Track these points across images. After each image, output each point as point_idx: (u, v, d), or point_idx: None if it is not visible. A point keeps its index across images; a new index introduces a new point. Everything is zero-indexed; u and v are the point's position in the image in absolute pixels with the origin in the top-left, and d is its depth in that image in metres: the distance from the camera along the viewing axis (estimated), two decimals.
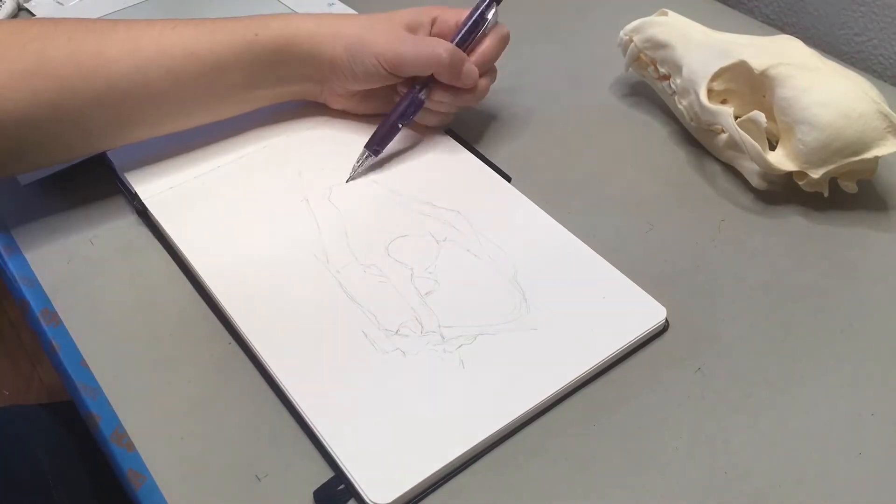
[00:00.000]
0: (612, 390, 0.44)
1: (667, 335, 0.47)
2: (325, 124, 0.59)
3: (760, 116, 0.51)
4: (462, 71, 0.54)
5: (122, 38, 0.50)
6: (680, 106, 0.57)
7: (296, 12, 0.71)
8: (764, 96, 0.53)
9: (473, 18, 0.55)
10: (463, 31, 0.55)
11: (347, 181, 0.55)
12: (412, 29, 0.55)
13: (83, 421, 0.46)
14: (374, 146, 0.55)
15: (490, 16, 0.55)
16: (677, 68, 0.56)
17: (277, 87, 0.56)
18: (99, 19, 0.52)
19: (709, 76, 0.53)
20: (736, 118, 0.52)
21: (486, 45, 0.55)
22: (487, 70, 0.56)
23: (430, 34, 0.55)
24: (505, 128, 0.61)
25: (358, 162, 0.55)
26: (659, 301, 0.47)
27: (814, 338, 0.47)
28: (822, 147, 0.50)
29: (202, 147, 0.57)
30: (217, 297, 0.48)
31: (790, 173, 0.53)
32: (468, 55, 0.55)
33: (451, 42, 0.54)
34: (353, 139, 0.58)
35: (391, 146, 0.56)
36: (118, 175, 0.56)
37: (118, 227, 0.53)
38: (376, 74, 0.54)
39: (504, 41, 0.56)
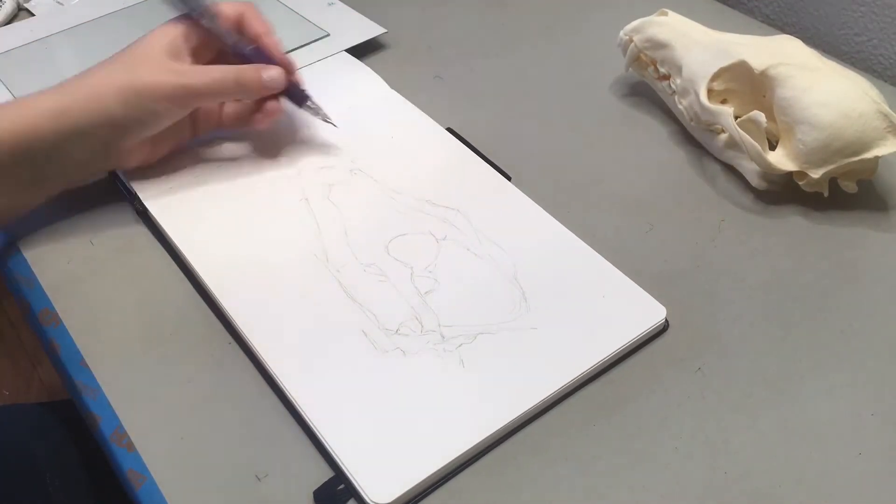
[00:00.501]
0: (612, 390, 0.44)
1: (667, 335, 0.47)
2: (324, 124, 0.59)
3: (760, 116, 0.51)
4: (262, 80, 0.52)
5: None
6: (680, 106, 0.57)
7: (297, 12, 0.71)
8: (764, 96, 0.53)
9: (213, 24, 0.52)
10: (228, 39, 0.53)
11: (337, 126, 0.56)
12: (175, 54, 0.50)
13: (81, 419, 0.46)
14: (297, 98, 0.55)
15: (221, 27, 0.53)
16: (677, 68, 0.56)
17: (47, 180, 0.49)
18: None
19: (709, 76, 0.53)
20: (736, 118, 0.52)
21: (261, 41, 0.53)
22: (281, 51, 0.54)
23: (191, 51, 0.52)
24: (505, 127, 0.61)
25: (315, 114, 0.56)
26: (659, 301, 0.47)
27: (814, 338, 0.47)
28: (822, 147, 0.50)
29: (202, 147, 0.57)
30: (217, 296, 0.48)
31: (790, 173, 0.53)
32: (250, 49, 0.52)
33: (232, 48, 0.52)
34: (353, 139, 0.58)
35: (387, 142, 0.56)
36: (118, 175, 0.56)
37: (118, 227, 0.53)
38: (167, 116, 0.50)
39: (254, 11, 0.54)
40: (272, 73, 0.52)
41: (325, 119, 0.56)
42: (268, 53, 0.53)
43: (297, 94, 0.55)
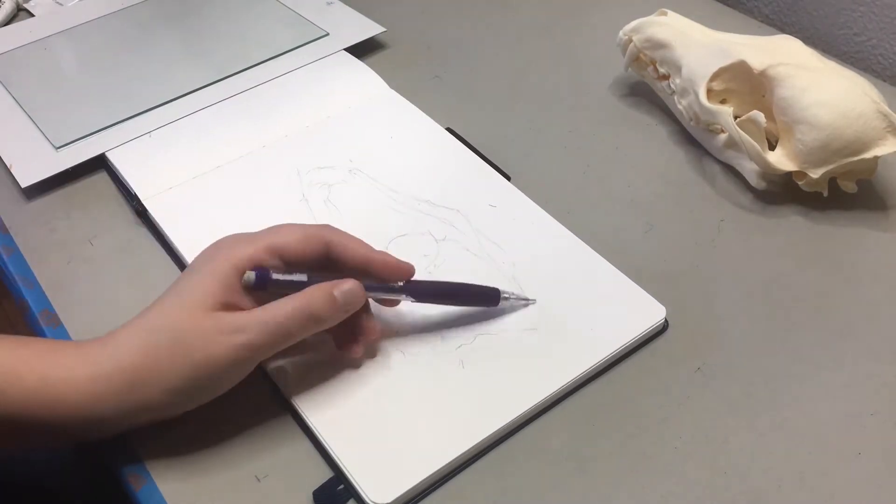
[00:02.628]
0: (611, 390, 0.44)
1: (666, 335, 0.47)
2: (324, 124, 0.59)
3: (760, 116, 0.51)
4: (338, 303, 0.41)
5: None
6: (679, 106, 0.57)
7: (296, 12, 0.71)
8: (763, 96, 0.53)
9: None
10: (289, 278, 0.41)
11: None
12: (228, 293, 0.40)
13: None
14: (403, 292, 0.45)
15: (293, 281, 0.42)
16: (677, 68, 0.56)
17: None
18: None
19: (708, 76, 0.53)
20: (735, 118, 0.52)
21: (341, 249, 0.43)
22: (370, 257, 0.43)
23: (253, 286, 0.41)
24: (505, 127, 0.61)
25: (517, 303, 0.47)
26: (659, 301, 0.47)
27: (814, 338, 0.47)
28: (822, 147, 0.50)
29: (202, 147, 0.57)
30: None
31: (790, 173, 0.53)
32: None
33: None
34: (352, 139, 0.58)
35: (387, 142, 0.56)
36: (118, 175, 0.56)
37: (118, 228, 0.53)
38: (236, 379, 0.41)
39: (336, 232, 0.44)
40: (345, 287, 0.41)
41: (525, 301, 0.47)
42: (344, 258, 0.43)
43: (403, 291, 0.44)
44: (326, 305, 0.40)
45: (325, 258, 0.43)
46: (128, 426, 0.40)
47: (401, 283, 0.44)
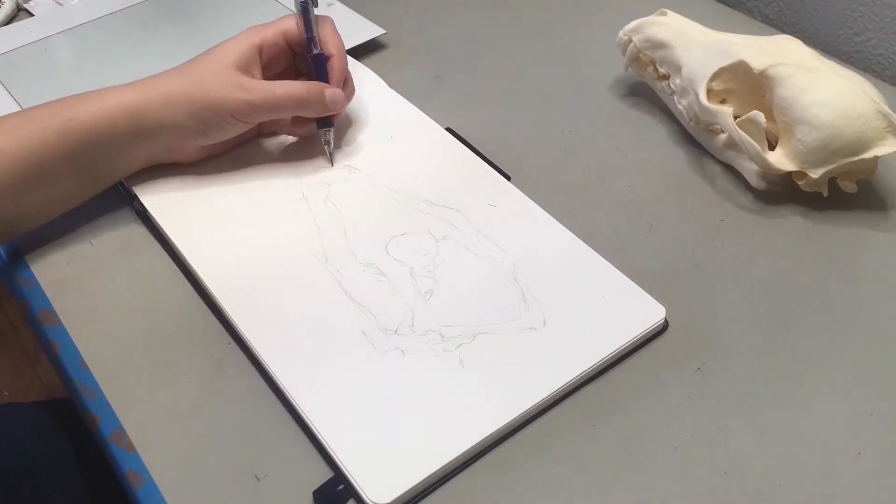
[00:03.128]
0: (611, 390, 0.44)
1: (666, 335, 0.47)
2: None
3: (760, 116, 0.51)
4: (325, 102, 0.53)
5: None
6: (679, 106, 0.57)
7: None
8: (763, 96, 0.53)
9: (307, 36, 0.54)
10: (304, 34, 0.54)
11: (333, 165, 0.56)
12: (245, 68, 0.51)
13: (78, 417, 0.46)
14: (323, 120, 0.55)
15: (314, 20, 0.54)
16: (677, 68, 0.56)
17: (113, 168, 0.52)
18: None
19: (708, 76, 0.53)
20: (735, 118, 0.52)
21: (333, 59, 0.54)
22: (344, 75, 0.55)
23: (263, 64, 0.53)
24: (505, 127, 0.61)
25: (326, 144, 0.55)
26: (659, 301, 0.47)
27: (814, 338, 0.47)
28: (822, 147, 0.50)
29: None
30: (216, 297, 0.48)
31: (790, 173, 0.53)
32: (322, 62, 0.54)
33: (307, 70, 0.54)
34: (352, 138, 0.58)
35: (387, 142, 0.56)
36: None
37: (118, 228, 0.53)
38: (233, 129, 0.52)
39: (335, 29, 0.55)
40: (336, 95, 0.53)
41: (328, 153, 0.56)
42: (329, 67, 0.54)
43: (326, 120, 0.55)
44: (317, 100, 0.52)
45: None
46: (158, 147, 0.52)
47: None
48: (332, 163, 0.56)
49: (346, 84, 0.56)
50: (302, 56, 0.55)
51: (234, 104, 0.50)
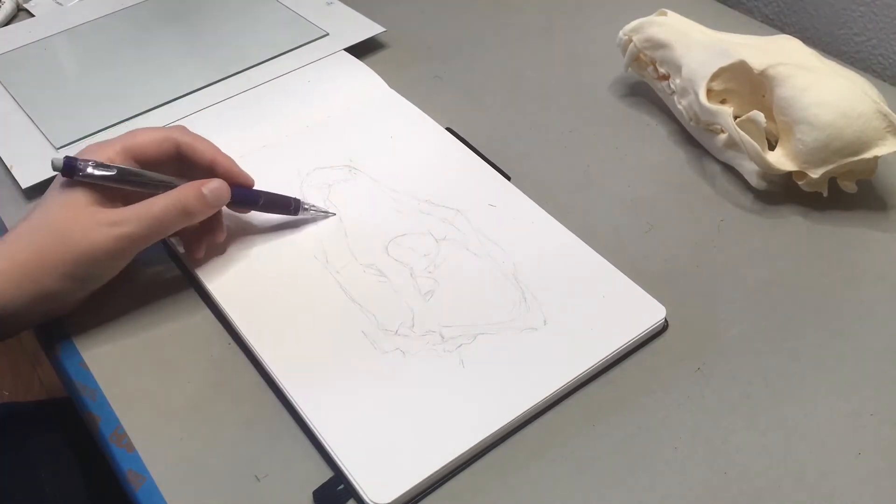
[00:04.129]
0: (611, 390, 0.44)
1: (666, 335, 0.47)
2: (324, 124, 0.59)
3: (760, 116, 0.51)
4: (206, 201, 0.46)
5: None
6: (679, 106, 0.57)
7: (296, 12, 0.71)
8: (763, 96, 0.53)
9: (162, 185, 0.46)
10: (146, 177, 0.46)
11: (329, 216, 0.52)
12: (106, 199, 0.44)
13: (77, 416, 0.46)
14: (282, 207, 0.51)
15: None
16: (677, 68, 0.56)
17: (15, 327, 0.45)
18: None
19: (708, 76, 0.53)
20: (735, 118, 0.52)
21: (217, 163, 0.47)
22: (214, 160, 0.48)
23: (62, 172, 0.44)
24: (505, 127, 0.61)
25: (305, 210, 0.51)
26: (659, 301, 0.47)
27: (814, 338, 0.47)
28: (822, 147, 0.50)
29: None
30: (216, 297, 0.48)
31: (790, 173, 0.53)
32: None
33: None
34: (352, 139, 0.58)
35: (387, 142, 0.56)
36: None
37: None
38: (114, 271, 0.45)
39: (191, 136, 0.48)
40: (212, 186, 0.46)
41: (325, 214, 0.52)
42: (221, 170, 0.48)
43: (278, 204, 0.50)
44: (197, 201, 0.45)
45: (177, 159, 0.48)
46: (31, 319, 0.45)
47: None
48: (333, 213, 0.52)
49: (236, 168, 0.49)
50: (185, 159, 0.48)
51: (108, 246, 0.43)
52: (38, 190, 0.56)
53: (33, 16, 0.74)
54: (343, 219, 0.52)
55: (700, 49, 0.55)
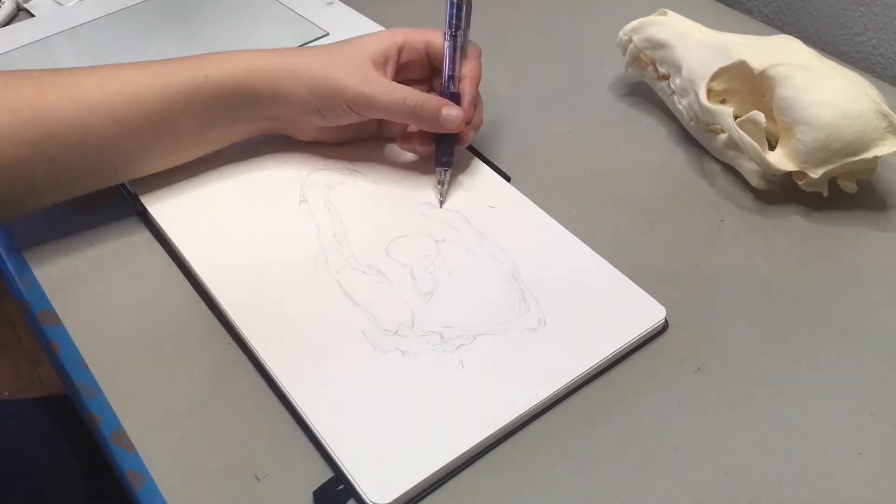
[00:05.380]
0: (611, 390, 0.44)
1: (666, 335, 0.47)
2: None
3: (760, 116, 0.51)
4: (439, 119, 0.51)
5: (62, 83, 0.48)
6: (679, 106, 0.57)
7: (296, 12, 0.71)
8: (763, 96, 0.53)
9: (448, 51, 0.53)
10: (446, 70, 0.53)
11: (441, 206, 0.53)
12: (379, 63, 0.51)
13: (75, 415, 0.46)
14: (444, 159, 0.53)
15: (460, 41, 0.53)
16: (677, 68, 0.56)
17: (235, 129, 0.53)
18: (41, 70, 0.49)
19: (708, 76, 0.53)
20: (735, 118, 0.52)
21: (466, 82, 0.53)
22: (475, 101, 0.54)
23: (399, 64, 0.53)
24: (505, 128, 0.61)
25: (440, 184, 0.53)
26: (659, 301, 0.47)
27: (814, 338, 0.47)
28: (822, 147, 0.50)
29: None
30: (216, 297, 0.48)
31: (790, 173, 0.53)
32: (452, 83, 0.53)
33: (429, 80, 0.54)
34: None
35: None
36: None
37: (118, 228, 0.53)
38: (346, 117, 0.52)
39: (479, 62, 0.54)
40: (452, 113, 0.51)
41: (440, 198, 0.53)
42: (460, 89, 0.53)
43: (445, 154, 0.53)
44: (430, 114, 0.51)
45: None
46: (279, 116, 0.53)
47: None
48: (440, 205, 0.53)
49: (475, 114, 0.54)
50: (439, 73, 0.54)
51: (352, 93, 0.50)
52: None
53: (33, 16, 0.74)
54: (343, 220, 0.52)
55: (700, 49, 0.55)
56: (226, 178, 0.55)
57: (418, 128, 0.53)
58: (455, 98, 0.53)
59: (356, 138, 0.56)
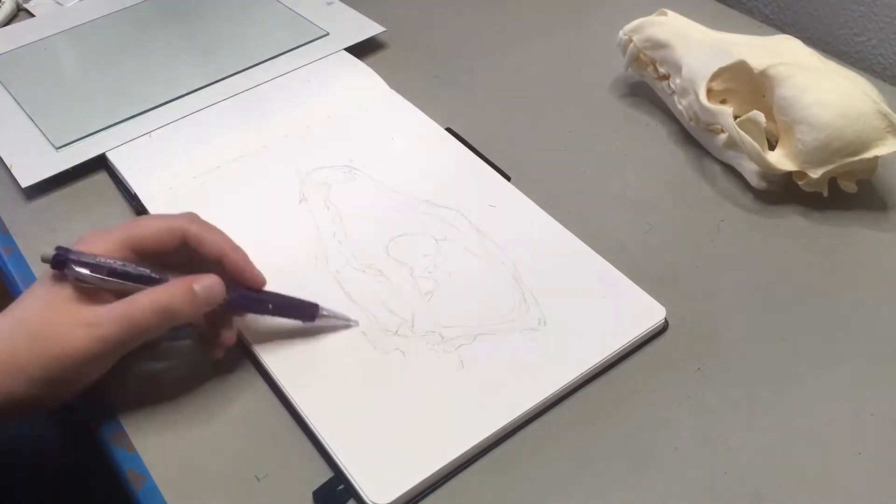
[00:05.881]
0: (612, 390, 0.44)
1: (666, 335, 0.47)
2: (324, 124, 0.59)
3: (760, 116, 0.51)
4: (196, 300, 0.40)
5: None
6: (679, 106, 0.57)
7: (296, 12, 0.71)
8: (763, 96, 0.53)
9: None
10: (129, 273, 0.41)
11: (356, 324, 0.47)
12: (90, 294, 0.40)
13: (75, 414, 0.46)
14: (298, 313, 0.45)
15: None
16: (677, 68, 0.56)
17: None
18: None
19: (708, 76, 0.53)
20: (735, 118, 0.52)
21: (226, 259, 0.43)
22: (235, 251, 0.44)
23: (51, 265, 0.40)
24: (505, 128, 0.61)
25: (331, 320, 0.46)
26: (658, 301, 0.47)
27: (814, 338, 0.47)
28: (822, 147, 0.50)
29: (201, 147, 0.57)
30: None
31: (790, 173, 0.53)
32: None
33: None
34: (352, 139, 0.58)
35: (387, 142, 0.56)
36: (118, 176, 0.56)
37: None
38: (93, 376, 0.41)
39: (194, 224, 0.43)
40: (205, 283, 0.41)
41: (346, 322, 0.46)
42: (235, 269, 0.43)
43: (295, 312, 0.45)
44: (185, 301, 0.40)
45: (185, 251, 0.43)
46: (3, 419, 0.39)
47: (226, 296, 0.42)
48: (356, 323, 0.46)
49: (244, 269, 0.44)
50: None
51: (85, 348, 0.38)
52: (38, 189, 0.56)
53: (33, 16, 0.74)
54: (343, 219, 0.52)
55: (700, 49, 0.55)
56: (225, 177, 0.55)
57: (186, 325, 0.43)
58: (245, 295, 0.44)
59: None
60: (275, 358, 0.44)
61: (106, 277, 0.40)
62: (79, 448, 0.60)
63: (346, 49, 0.67)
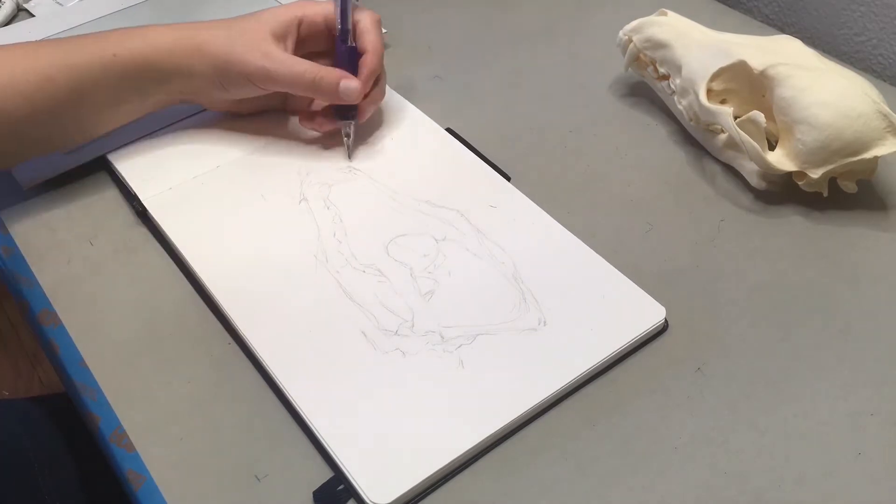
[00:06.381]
0: (612, 390, 0.44)
1: (666, 335, 0.47)
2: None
3: (760, 116, 0.51)
4: (338, 91, 0.52)
5: None
6: (679, 106, 0.57)
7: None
8: (763, 96, 0.53)
9: (341, 27, 0.54)
10: (338, 25, 0.54)
11: (350, 159, 0.56)
12: (280, 37, 0.53)
13: (74, 414, 0.46)
14: (346, 112, 0.55)
15: (354, 15, 0.54)
16: (677, 68, 0.56)
17: (147, 102, 0.55)
18: None
19: (708, 76, 0.53)
20: (735, 118, 0.52)
21: (367, 56, 0.54)
22: (376, 74, 0.55)
23: (300, 38, 0.54)
24: (505, 128, 0.61)
25: (346, 136, 0.56)
26: (659, 301, 0.47)
27: (814, 338, 0.47)
28: (822, 147, 0.50)
29: (201, 147, 0.57)
30: (216, 297, 0.48)
31: (790, 173, 0.53)
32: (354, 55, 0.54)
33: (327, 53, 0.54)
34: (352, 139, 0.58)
35: (387, 142, 0.56)
36: (118, 176, 0.56)
37: (118, 228, 0.53)
38: (248, 91, 0.54)
39: (378, 27, 0.55)
40: (350, 86, 0.52)
41: (348, 151, 0.56)
42: (360, 63, 0.54)
43: (347, 108, 0.55)
44: (329, 88, 0.52)
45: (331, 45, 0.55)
46: (189, 88, 0.54)
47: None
48: (349, 157, 0.56)
49: (376, 85, 0.55)
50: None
51: (252, 68, 0.51)
52: (38, 189, 0.56)
53: (33, 16, 0.74)
54: (343, 219, 0.52)
55: (700, 49, 0.55)
56: (226, 177, 0.55)
57: (319, 100, 0.55)
58: (353, 54, 0.54)
59: (264, 109, 0.58)
60: (275, 358, 0.44)
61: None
62: (76, 446, 0.60)
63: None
